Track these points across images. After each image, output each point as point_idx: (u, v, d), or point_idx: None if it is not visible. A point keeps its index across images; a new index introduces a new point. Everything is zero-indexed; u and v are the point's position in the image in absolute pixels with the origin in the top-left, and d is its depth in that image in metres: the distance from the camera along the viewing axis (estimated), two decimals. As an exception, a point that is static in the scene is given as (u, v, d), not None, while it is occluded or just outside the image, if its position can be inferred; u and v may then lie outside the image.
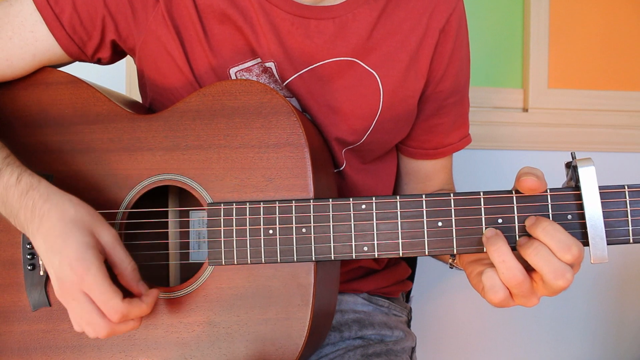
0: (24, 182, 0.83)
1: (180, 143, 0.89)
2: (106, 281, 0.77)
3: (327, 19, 0.96)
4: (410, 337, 1.16)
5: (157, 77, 0.98)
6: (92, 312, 0.78)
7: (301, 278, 0.84)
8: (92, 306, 0.78)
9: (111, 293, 0.77)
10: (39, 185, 0.82)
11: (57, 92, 0.94)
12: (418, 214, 0.80)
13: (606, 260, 0.73)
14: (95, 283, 0.76)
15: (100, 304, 0.77)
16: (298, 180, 0.86)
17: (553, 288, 0.73)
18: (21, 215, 0.82)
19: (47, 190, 0.82)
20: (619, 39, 1.75)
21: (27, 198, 0.81)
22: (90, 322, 0.79)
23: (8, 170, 0.84)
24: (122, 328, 0.81)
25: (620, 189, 0.74)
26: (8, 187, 0.83)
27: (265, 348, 0.85)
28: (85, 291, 0.77)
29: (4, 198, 0.83)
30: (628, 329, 1.81)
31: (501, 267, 0.73)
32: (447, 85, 1.05)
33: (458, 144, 1.15)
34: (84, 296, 0.77)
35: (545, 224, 0.72)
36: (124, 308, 0.78)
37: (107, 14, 0.93)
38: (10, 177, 0.83)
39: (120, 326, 0.80)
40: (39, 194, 0.81)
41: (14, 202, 0.82)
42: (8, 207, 0.83)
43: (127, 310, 0.78)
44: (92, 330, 0.80)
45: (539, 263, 0.71)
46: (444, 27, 1.01)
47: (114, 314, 0.78)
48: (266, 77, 0.98)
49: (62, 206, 0.80)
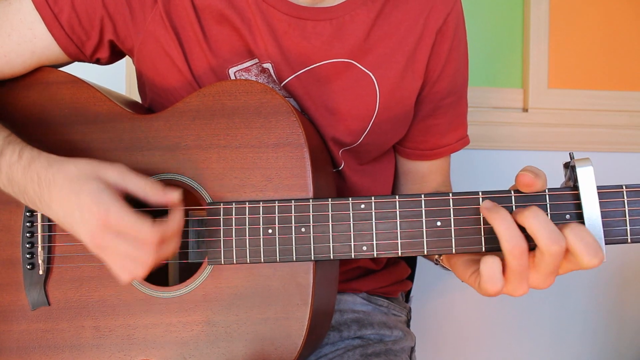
0: (25, 156, 0.83)
1: (179, 143, 0.89)
2: (130, 213, 0.77)
3: (324, 20, 0.96)
4: (409, 337, 1.16)
5: (156, 77, 0.98)
6: (130, 246, 0.77)
7: (300, 277, 0.84)
8: (129, 241, 0.77)
9: (140, 220, 0.77)
10: (39, 157, 0.83)
11: (57, 92, 0.94)
12: (417, 214, 0.80)
13: (604, 260, 0.73)
14: (121, 218, 0.76)
15: (134, 234, 0.77)
16: (297, 180, 0.86)
17: (546, 261, 0.71)
18: (29, 190, 0.82)
19: (47, 159, 0.83)
20: (619, 39, 1.75)
21: (31, 171, 0.82)
22: (134, 257, 0.78)
23: (9, 148, 0.85)
24: (165, 250, 0.80)
25: (618, 189, 0.74)
26: (11, 164, 0.84)
27: (264, 347, 0.85)
28: (115, 230, 0.77)
29: (10, 176, 0.84)
30: (628, 329, 1.81)
31: (505, 234, 0.71)
32: (443, 85, 1.05)
33: (455, 145, 1.14)
34: (116, 236, 0.77)
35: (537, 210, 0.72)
36: (159, 227, 0.77)
37: (106, 14, 0.93)
38: (12, 155, 0.84)
39: (162, 248, 0.79)
40: (40, 164, 0.82)
41: (20, 178, 0.83)
42: (15, 185, 0.84)
43: (162, 228, 0.78)
44: (138, 265, 0.79)
45: (536, 225, 0.70)
46: (441, 28, 1.01)
47: (151, 236, 0.77)
48: (264, 77, 0.98)
49: (63, 168, 0.81)
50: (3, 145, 0.85)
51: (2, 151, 0.85)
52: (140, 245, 0.77)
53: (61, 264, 0.90)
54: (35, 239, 0.91)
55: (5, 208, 0.92)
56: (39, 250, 0.90)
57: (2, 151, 0.85)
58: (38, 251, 0.90)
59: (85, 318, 0.89)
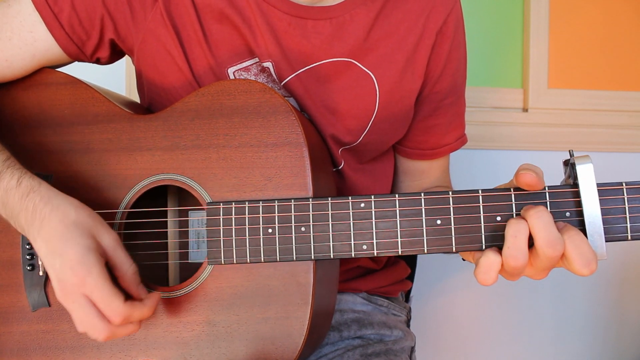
0: (25, 184, 0.82)
1: (179, 143, 0.89)
2: (107, 284, 0.77)
3: (324, 19, 0.96)
4: (409, 336, 1.16)
5: (156, 76, 0.98)
6: (93, 315, 0.78)
7: (300, 277, 0.84)
8: (93, 309, 0.77)
9: (112, 296, 0.77)
10: (40, 188, 0.82)
11: (57, 93, 0.95)
12: (417, 212, 0.80)
13: (605, 257, 0.73)
14: (97, 286, 0.76)
15: (102, 307, 0.77)
16: (297, 179, 0.86)
17: (541, 260, 0.72)
18: (22, 218, 0.82)
19: (47, 193, 0.82)
20: (619, 39, 1.75)
21: (28, 200, 0.81)
22: (92, 324, 0.78)
23: (8, 173, 0.84)
24: (123, 331, 0.80)
25: (618, 186, 0.74)
26: (8, 189, 0.83)
27: (264, 347, 0.85)
28: (86, 294, 0.77)
29: (5, 200, 0.83)
30: (628, 329, 1.81)
31: (510, 243, 0.72)
32: (444, 85, 1.05)
33: (454, 144, 1.15)
34: (85, 299, 0.77)
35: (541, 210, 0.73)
36: (126, 310, 0.78)
37: (106, 13, 0.94)
38: (10, 180, 0.83)
39: (120, 329, 0.80)
40: (40, 196, 0.81)
41: (15, 204, 0.82)
42: (9, 210, 0.83)
43: (128, 313, 0.78)
44: (92, 333, 0.79)
45: (537, 227, 0.71)
46: (441, 29, 1.01)
47: (115, 316, 0.77)
48: (264, 76, 0.98)
49: (62, 209, 0.80)
50: (2, 169, 0.84)
51: (1, 175, 0.84)
52: (102, 318, 0.78)
53: (61, 264, 0.90)
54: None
55: (5, 209, 0.92)
56: (38, 252, 0.90)
57: (1, 175, 0.84)
58: (38, 252, 0.90)
59: (86, 318, 0.89)
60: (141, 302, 0.81)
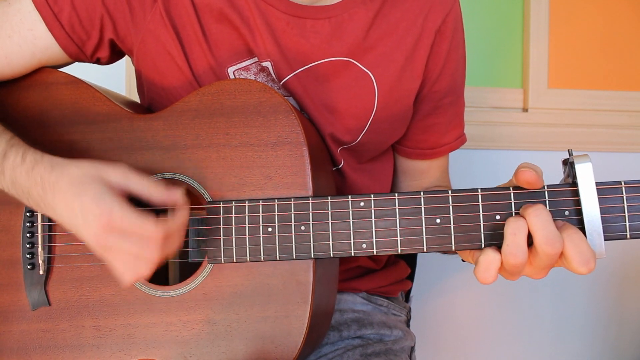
0: (29, 159, 0.83)
1: (179, 142, 0.89)
2: (133, 212, 0.77)
3: (322, 18, 0.96)
4: (409, 336, 1.16)
5: (155, 76, 0.98)
6: (135, 245, 0.77)
7: (300, 276, 0.85)
8: (133, 240, 0.77)
9: (142, 218, 0.77)
10: (43, 159, 0.83)
11: (57, 93, 0.95)
12: (416, 211, 0.80)
13: (604, 255, 0.73)
14: (124, 218, 0.76)
15: (140, 232, 0.77)
16: (297, 178, 0.86)
17: (540, 258, 0.72)
18: (33, 192, 0.82)
19: (50, 162, 0.83)
20: (619, 39, 1.75)
21: (35, 173, 0.82)
22: (139, 255, 0.78)
23: (13, 151, 0.85)
24: (170, 247, 0.80)
25: (617, 185, 0.75)
26: (15, 167, 0.84)
27: (264, 346, 0.85)
28: (118, 230, 0.77)
29: (14, 179, 0.84)
30: (628, 328, 1.81)
31: (510, 240, 0.73)
32: (443, 85, 1.05)
33: (454, 144, 1.15)
34: (121, 236, 0.77)
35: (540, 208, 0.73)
36: (163, 223, 0.78)
37: (105, 13, 0.94)
38: (15, 157, 0.84)
39: (167, 245, 0.79)
40: (44, 167, 0.82)
41: (23, 181, 0.83)
42: (19, 188, 0.84)
43: (166, 226, 0.78)
44: (143, 264, 0.79)
45: (536, 225, 0.71)
46: (439, 28, 1.01)
47: (155, 234, 0.77)
48: (263, 76, 0.98)
49: (67, 171, 0.81)
50: (6, 148, 0.85)
51: (6, 154, 0.85)
52: (145, 242, 0.77)
53: (61, 264, 0.90)
54: (35, 239, 0.91)
55: (5, 208, 0.93)
56: (39, 251, 0.90)
57: (6, 154, 0.85)
58: (38, 251, 0.90)
59: (86, 318, 0.89)
60: (172, 215, 0.81)
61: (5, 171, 0.85)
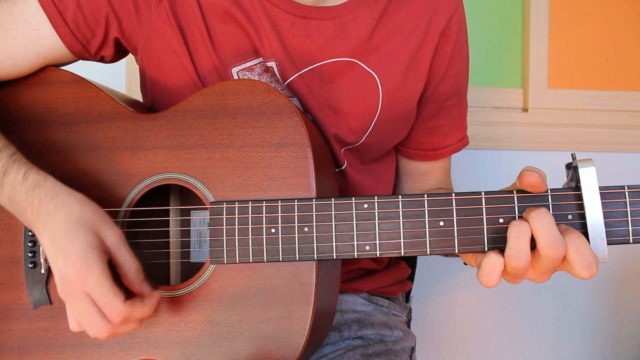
0: (30, 179, 0.83)
1: (183, 142, 0.89)
2: (108, 282, 0.77)
3: (327, 19, 0.96)
4: (410, 337, 1.17)
5: (160, 75, 0.98)
6: (93, 313, 0.78)
7: (303, 277, 0.85)
8: (94, 307, 0.78)
9: (113, 295, 0.77)
10: (45, 183, 0.82)
11: (61, 91, 0.94)
12: (420, 214, 0.80)
13: (607, 260, 0.73)
14: (98, 284, 0.76)
15: (102, 305, 0.77)
16: (300, 180, 0.86)
17: (543, 262, 0.72)
18: (28, 213, 0.82)
19: (53, 188, 0.82)
20: (619, 39, 1.75)
21: (34, 196, 0.81)
22: (92, 322, 0.79)
23: (14, 168, 0.84)
24: (123, 329, 0.81)
25: (621, 190, 0.75)
26: (15, 184, 0.83)
27: (266, 347, 0.85)
28: (87, 292, 0.77)
29: (12, 195, 0.83)
30: (628, 329, 1.81)
31: (513, 243, 0.73)
32: (447, 87, 1.05)
33: (456, 146, 1.15)
34: (86, 297, 0.77)
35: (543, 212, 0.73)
36: (126, 310, 0.78)
37: (111, 12, 0.93)
38: (17, 175, 0.83)
39: (120, 327, 0.80)
40: (45, 191, 0.81)
41: (21, 199, 0.82)
42: (15, 205, 0.84)
43: (128, 312, 0.78)
44: (92, 331, 0.79)
45: (539, 228, 0.71)
46: (444, 30, 1.01)
47: (115, 315, 0.77)
48: (268, 76, 0.98)
49: (68, 204, 0.80)
50: (7, 164, 0.85)
51: (7, 170, 0.84)
52: (102, 317, 0.78)
53: (63, 262, 0.90)
54: (36, 237, 0.91)
55: (7, 207, 0.92)
56: (40, 249, 0.90)
57: (7, 170, 0.84)
58: (40, 250, 0.90)
59: (87, 317, 0.89)
60: (142, 302, 0.81)
61: (4, 187, 0.84)
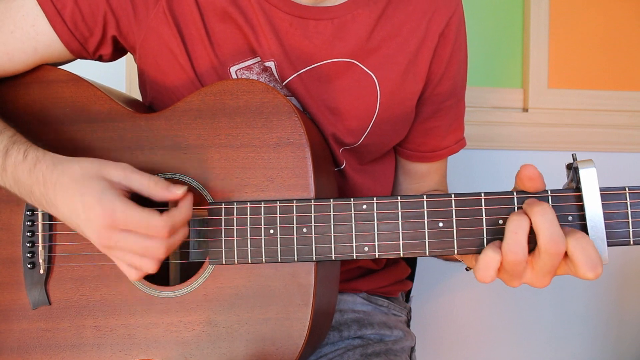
0: (30, 157, 0.83)
1: (181, 142, 0.89)
2: (136, 208, 0.77)
3: (326, 19, 0.96)
4: (409, 336, 1.16)
5: (158, 75, 0.98)
6: (140, 242, 0.78)
7: (301, 278, 0.84)
8: (138, 236, 0.77)
9: (146, 215, 0.77)
10: (44, 157, 0.83)
11: (58, 91, 0.94)
12: (419, 215, 0.80)
13: (607, 261, 0.72)
14: (127, 214, 0.76)
15: (143, 229, 0.77)
16: (299, 180, 0.86)
17: (543, 260, 0.72)
18: (36, 191, 0.82)
19: (52, 160, 0.82)
20: (619, 39, 1.75)
21: (36, 172, 0.82)
22: (143, 251, 0.78)
23: (15, 148, 0.84)
24: (176, 240, 0.80)
25: (621, 191, 0.74)
26: (17, 164, 0.83)
27: (265, 347, 0.85)
28: (122, 228, 0.77)
29: (16, 177, 0.84)
30: (628, 329, 1.81)
31: (510, 238, 0.72)
32: (445, 88, 1.05)
33: (454, 147, 1.15)
34: (125, 234, 0.77)
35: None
36: (167, 219, 0.78)
37: (109, 10, 0.93)
38: (17, 155, 0.84)
39: (171, 240, 0.79)
40: (45, 165, 0.82)
41: (25, 179, 0.83)
42: (21, 186, 0.84)
43: (171, 221, 0.78)
44: (149, 259, 0.79)
45: (540, 223, 0.71)
46: (443, 31, 1.01)
47: (160, 229, 0.77)
48: (266, 76, 0.98)
49: (68, 169, 0.80)
50: (8, 145, 0.85)
51: (8, 151, 0.84)
52: (151, 238, 0.78)
53: (62, 263, 0.90)
54: (35, 238, 0.91)
55: (6, 207, 0.92)
56: (39, 250, 0.90)
57: (8, 151, 0.84)
58: (39, 250, 0.90)
59: (86, 317, 0.89)
60: (177, 208, 0.80)
61: (7, 168, 0.84)
